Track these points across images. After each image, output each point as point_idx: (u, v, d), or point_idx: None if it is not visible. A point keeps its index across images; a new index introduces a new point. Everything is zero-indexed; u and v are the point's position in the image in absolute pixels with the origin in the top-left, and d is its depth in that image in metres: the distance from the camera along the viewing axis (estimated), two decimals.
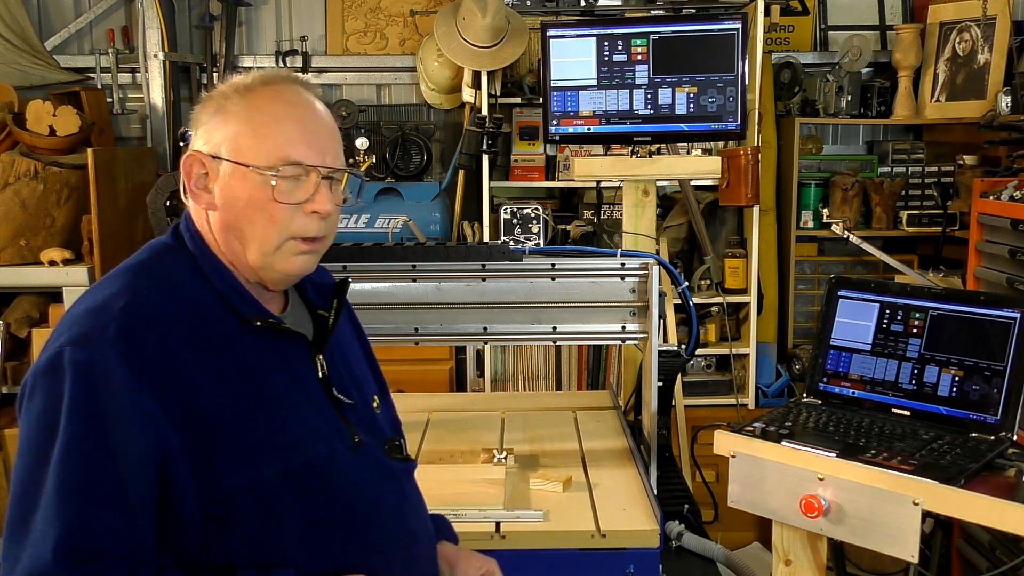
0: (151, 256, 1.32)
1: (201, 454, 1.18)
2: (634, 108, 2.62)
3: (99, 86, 4.00)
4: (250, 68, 4.12)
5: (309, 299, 1.44)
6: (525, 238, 3.55)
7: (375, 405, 1.46)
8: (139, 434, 1.14)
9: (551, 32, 2.63)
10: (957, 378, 1.74)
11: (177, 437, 1.16)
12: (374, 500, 1.34)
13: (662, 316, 2.17)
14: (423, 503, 1.51)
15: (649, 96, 2.61)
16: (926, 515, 1.53)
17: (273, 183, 1.26)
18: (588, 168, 2.72)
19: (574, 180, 3.63)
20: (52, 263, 3.44)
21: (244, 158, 1.27)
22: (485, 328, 2.21)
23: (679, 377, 2.77)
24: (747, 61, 2.58)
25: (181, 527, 1.18)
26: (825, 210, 3.84)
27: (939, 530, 3.14)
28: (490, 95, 3.67)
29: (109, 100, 4.01)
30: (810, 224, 3.88)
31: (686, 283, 2.34)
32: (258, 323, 1.29)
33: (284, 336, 1.33)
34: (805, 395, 1.92)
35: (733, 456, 1.71)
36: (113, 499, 1.11)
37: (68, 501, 1.09)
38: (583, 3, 3.84)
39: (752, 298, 3.68)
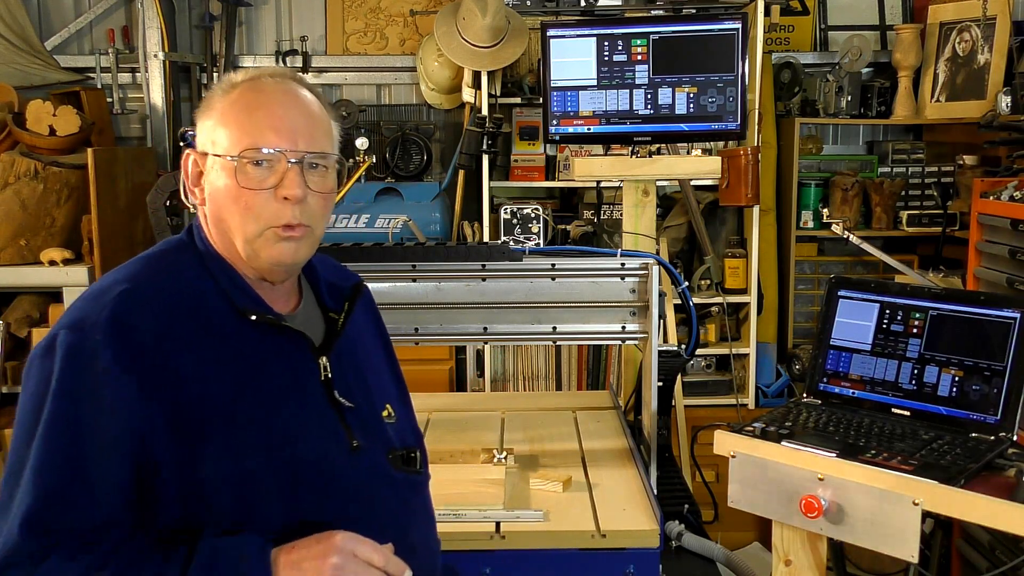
0: (163, 249, 1.36)
1: (184, 442, 1.19)
2: (634, 108, 2.62)
3: (99, 86, 4.00)
4: (250, 68, 4.13)
5: (323, 301, 1.44)
6: (525, 238, 3.55)
7: (385, 414, 1.44)
8: (116, 417, 1.16)
9: (551, 32, 2.63)
10: (957, 378, 1.74)
11: (159, 423, 1.18)
12: (368, 506, 1.32)
13: (662, 316, 2.17)
14: (431, 519, 1.51)
15: (649, 96, 2.61)
16: (926, 515, 1.53)
17: (235, 168, 1.26)
18: (588, 168, 2.72)
19: (574, 180, 3.63)
20: (52, 263, 3.44)
21: (218, 149, 1.29)
22: (485, 328, 2.21)
23: (679, 377, 2.77)
24: (747, 61, 2.58)
25: (162, 509, 1.19)
26: (825, 210, 3.84)
27: (939, 530, 3.14)
28: (490, 95, 3.67)
29: (109, 100, 4.01)
30: (810, 224, 3.88)
31: (686, 283, 2.34)
32: (253, 316, 1.28)
33: (285, 335, 1.32)
34: (805, 395, 1.92)
35: (733, 456, 1.71)
36: (82, 476, 1.14)
37: (40, 476, 1.14)
38: (583, 3, 3.84)
39: (752, 298, 3.68)
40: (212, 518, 1.20)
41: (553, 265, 2.18)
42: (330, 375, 1.34)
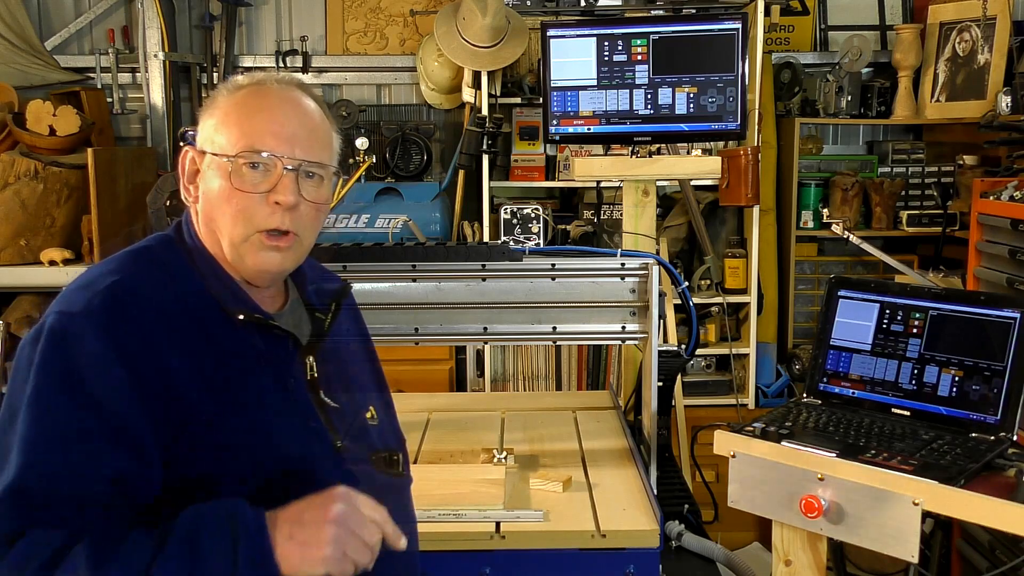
0: (151, 244, 1.36)
1: (168, 436, 1.18)
2: (634, 108, 2.62)
3: (99, 86, 4.00)
4: (250, 68, 4.13)
5: (309, 301, 1.44)
6: (525, 238, 3.55)
7: (369, 415, 1.45)
8: (105, 392, 1.15)
9: (551, 32, 2.63)
10: (957, 378, 1.74)
11: (143, 415, 1.16)
12: None
13: (662, 316, 2.17)
14: (413, 522, 1.51)
15: (649, 96, 2.61)
16: (926, 515, 1.53)
17: (230, 169, 1.27)
18: (588, 168, 2.72)
19: (574, 180, 3.63)
20: (52, 263, 3.44)
21: (216, 148, 1.29)
22: (485, 328, 2.21)
23: (679, 377, 2.77)
24: (747, 61, 2.58)
25: (144, 489, 1.17)
26: (825, 210, 3.84)
27: (939, 530, 3.14)
28: (490, 95, 3.67)
29: (109, 100, 4.01)
30: (810, 224, 3.88)
31: (686, 283, 2.34)
32: (240, 316, 1.28)
33: (272, 334, 1.32)
34: (805, 395, 1.92)
35: (733, 456, 1.71)
36: (63, 452, 1.13)
37: (22, 452, 1.12)
38: (583, 3, 3.84)
39: (752, 298, 3.68)
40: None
41: (553, 265, 2.18)
42: (316, 374, 1.35)
